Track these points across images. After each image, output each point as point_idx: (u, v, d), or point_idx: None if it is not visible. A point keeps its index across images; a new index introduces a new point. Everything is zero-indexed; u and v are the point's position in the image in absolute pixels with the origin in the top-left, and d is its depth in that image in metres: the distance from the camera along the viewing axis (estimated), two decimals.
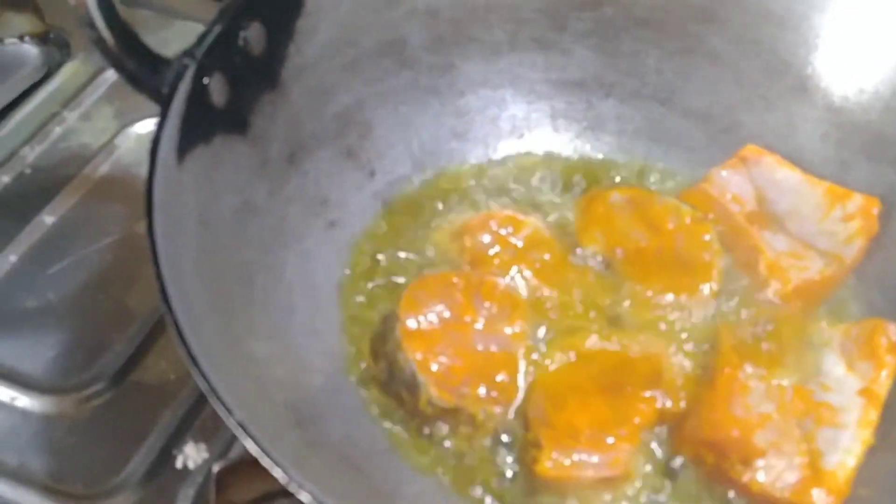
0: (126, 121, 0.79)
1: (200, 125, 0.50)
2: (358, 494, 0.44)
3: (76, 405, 0.60)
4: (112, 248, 0.70)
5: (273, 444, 0.38)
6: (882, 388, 0.53)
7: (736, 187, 0.62)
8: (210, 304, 0.46)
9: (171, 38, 0.85)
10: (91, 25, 0.44)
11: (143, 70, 0.47)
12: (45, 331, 0.64)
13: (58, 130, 0.78)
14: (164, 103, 0.47)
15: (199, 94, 0.49)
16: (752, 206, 0.61)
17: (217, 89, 0.51)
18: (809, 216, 0.60)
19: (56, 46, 0.84)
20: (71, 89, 0.81)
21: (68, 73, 0.83)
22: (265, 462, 0.36)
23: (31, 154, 0.76)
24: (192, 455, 0.58)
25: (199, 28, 0.84)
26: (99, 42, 0.45)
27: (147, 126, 0.79)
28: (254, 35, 0.54)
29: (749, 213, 0.61)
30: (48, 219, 0.71)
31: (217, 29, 0.51)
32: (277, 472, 0.36)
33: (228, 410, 0.37)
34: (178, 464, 0.57)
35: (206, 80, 0.50)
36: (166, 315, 0.40)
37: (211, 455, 0.58)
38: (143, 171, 0.75)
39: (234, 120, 0.53)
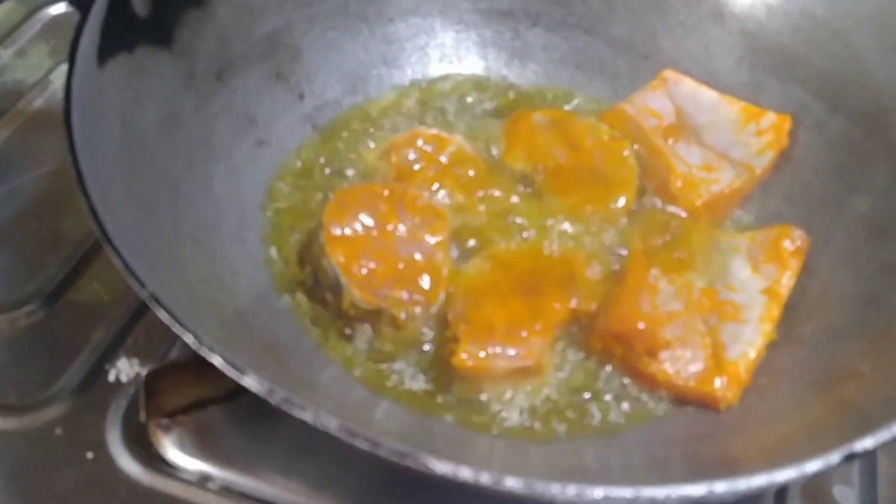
0: (61, 58, 0.80)
1: (122, 32, 0.51)
2: (273, 374, 0.46)
3: (10, 323, 0.61)
4: (46, 179, 0.71)
5: (191, 324, 0.39)
6: (784, 287, 0.56)
7: (655, 104, 0.65)
8: (132, 203, 0.47)
9: None
10: None
11: None
12: None
13: None
14: (84, 8, 0.48)
15: (120, 1, 0.50)
16: (671, 120, 0.64)
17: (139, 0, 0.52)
18: (725, 129, 0.63)
19: None
20: (6, 27, 0.82)
21: (4, 11, 0.83)
22: (176, 329, 0.38)
23: None
24: (124, 369, 0.59)
25: None
26: None
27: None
28: None
29: (666, 127, 0.63)
30: None
31: None
32: (188, 338, 0.37)
33: (141, 283, 0.38)
34: (111, 377, 0.59)
35: None
36: (83, 201, 0.41)
37: (142, 370, 0.59)
38: None
39: (158, 32, 0.54)
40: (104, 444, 0.55)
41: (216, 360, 0.37)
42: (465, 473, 0.34)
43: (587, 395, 0.53)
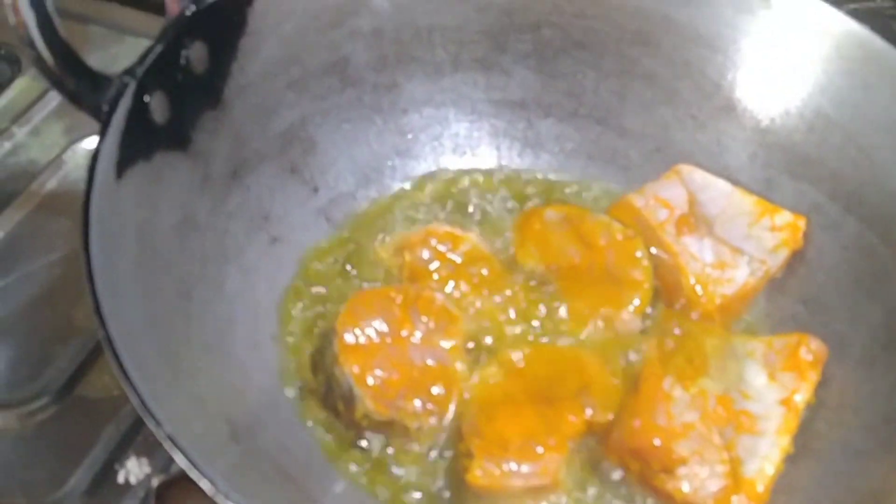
0: (75, 137, 0.80)
1: (140, 142, 0.51)
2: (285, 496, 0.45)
3: (20, 420, 0.61)
4: (59, 264, 0.71)
5: (206, 458, 0.39)
6: (802, 399, 0.55)
7: (667, 193, 0.64)
8: (147, 318, 0.47)
9: (122, 54, 0.87)
10: (31, 45, 0.45)
11: (83, 88, 0.48)
12: None
13: (6, 146, 0.79)
14: (104, 121, 0.48)
15: (139, 111, 0.51)
16: (683, 210, 0.64)
17: (158, 107, 0.52)
18: (739, 221, 0.63)
19: (6, 62, 0.84)
20: (21, 105, 0.82)
21: (18, 88, 0.83)
22: (193, 475, 0.37)
23: None
24: (133, 470, 0.58)
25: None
26: (38, 61, 0.46)
27: (96, 142, 0.79)
28: (196, 54, 0.55)
29: (678, 218, 0.63)
30: None
31: (158, 48, 0.52)
32: (205, 484, 0.37)
33: (158, 423, 0.38)
34: (120, 478, 0.58)
35: (146, 98, 0.51)
36: (99, 329, 0.41)
37: (153, 470, 0.58)
38: None
39: (176, 137, 0.54)
40: None
41: None
42: None
43: None
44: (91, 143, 0.78)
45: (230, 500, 0.36)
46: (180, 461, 0.38)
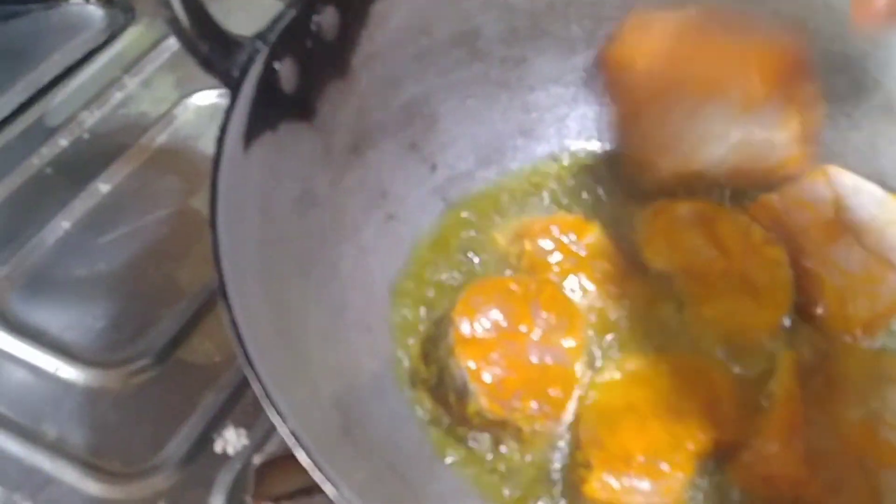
0: (186, 91, 0.78)
1: (268, 112, 0.48)
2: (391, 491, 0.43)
3: (120, 380, 0.60)
4: (166, 221, 0.70)
5: (322, 453, 0.37)
6: None
7: (811, 194, 0.60)
8: (267, 299, 0.45)
9: (234, 8, 0.84)
10: (166, 5, 0.42)
11: (215, 53, 0.45)
12: (94, 301, 0.64)
13: (118, 96, 0.78)
14: (234, 87, 0.46)
15: (269, 79, 0.48)
16: (828, 215, 0.59)
17: (287, 75, 0.50)
18: (891, 230, 0.58)
19: (121, 10, 0.83)
20: (133, 55, 0.81)
21: (131, 38, 0.82)
22: (316, 476, 0.35)
23: (89, 119, 0.75)
24: (231, 441, 0.57)
25: (266, 1, 0.84)
26: (173, 23, 0.43)
27: (207, 98, 0.78)
28: (327, 20, 0.52)
29: (825, 224, 0.58)
30: (103, 187, 0.71)
31: (291, 13, 0.49)
32: (328, 488, 0.35)
33: (283, 418, 0.36)
34: (218, 448, 0.57)
35: (277, 66, 0.48)
36: (224, 314, 0.39)
37: (251, 442, 0.57)
38: (201, 143, 0.76)
39: (302, 106, 0.52)
40: None
41: None
42: None
43: None
44: (202, 98, 0.77)
45: None
46: (304, 460, 0.35)
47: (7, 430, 0.56)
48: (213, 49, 0.45)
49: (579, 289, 0.57)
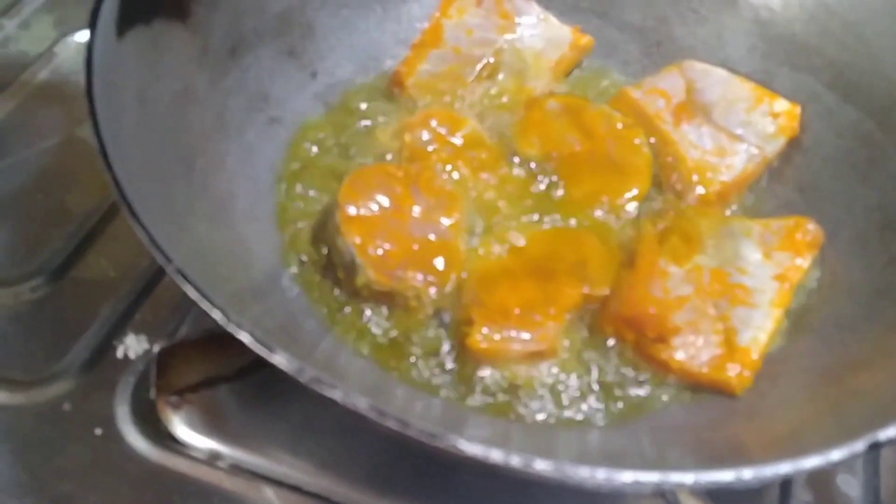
0: (65, 30, 0.79)
1: (140, 4, 0.50)
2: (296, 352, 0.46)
3: (14, 297, 0.61)
4: (52, 152, 0.70)
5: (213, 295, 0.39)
6: (796, 275, 0.56)
7: (665, 83, 0.65)
8: (149, 176, 0.47)
9: None
10: None
11: None
12: None
13: None
14: None
15: None
16: (680, 98, 0.64)
17: None
18: (737, 107, 0.63)
19: None
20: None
21: None
22: (204, 305, 0.37)
23: None
24: (132, 346, 0.59)
25: None
26: None
27: (86, 36, 0.78)
28: None
29: (676, 106, 0.63)
30: None
31: None
32: (216, 314, 0.37)
33: (167, 258, 0.38)
34: (119, 353, 0.58)
35: None
36: (105, 172, 0.40)
37: (151, 347, 0.58)
38: (83, 79, 0.76)
39: (175, 6, 0.54)
40: (113, 421, 0.55)
41: (244, 337, 0.37)
42: (495, 456, 0.34)
43: (597, 381, 0.53)
44: (82, 36, 0.77)
45: (243, 330, 0.37)
46: (190, 293, 0.38)
47: None
48: None
49: (458, 175, 0.60)
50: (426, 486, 0.54)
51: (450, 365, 0.53)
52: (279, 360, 0.36)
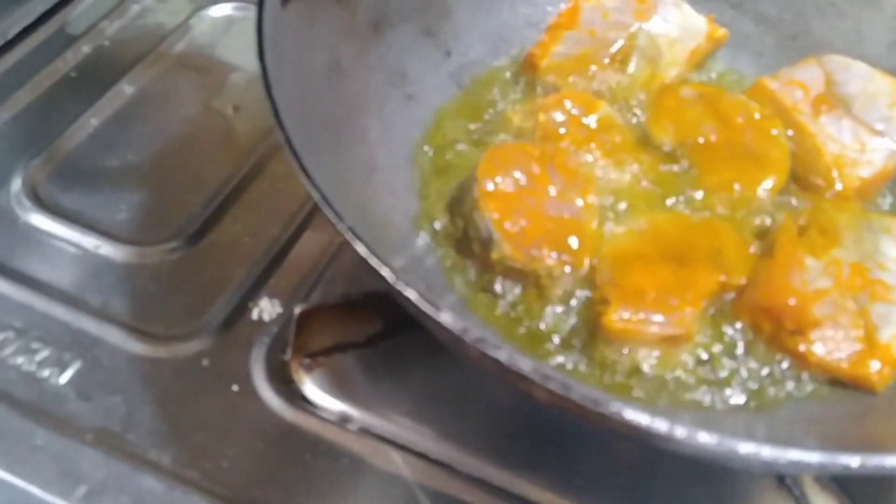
0: (200, 4, 0.81)
1: None
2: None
3: (155, 257, 0.63)
4: (189, 121, 0.73)
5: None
6: None
7: (803, 75, 0.63)
8: (307, 141, 0.48)
9: None
10: None
11: None
12: (126, 189, 0.67)
13: (135, 8, 0.81)
14: None
15: None
16: (819, 90, 0.63)
17: None
18: (878, 101, 0.62)
19: None
20: None
21: None
22: (373, 262, 0.38)
23: (109, 28, 0.78)
24: (266, 309, 0.60)
25: None
26: None
27: (221, 10, 0.81)
28: None
29: (814, 98, 0.62)
30: (127, 88, 0.74)
31: None
32: (385, 272, 0.38)
33: (339, 216, 0.39)
34: (254, 315, 0.60)
35: None
36: (278, 130, 0.42)
37: (285, 310, 0.60)
38: (217, 52, 0.79)
39: None
40: (249, 378, 0.57)
41: (411, 294, 0.38)
42: (659, 426, 0.35)
43: (735, 369, 0.53)
44: (216, 10, 0.80)
45: (411, 287, 0.38)
46: (361, 250, 0.39)
47: (53, 298, 0.59)
48: None
49: (591, 157, 0.60)
50: (545, 462, 0.54)
51: (578, 344, 0.54)
52: (445, 318, 0.37)
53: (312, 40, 0.53)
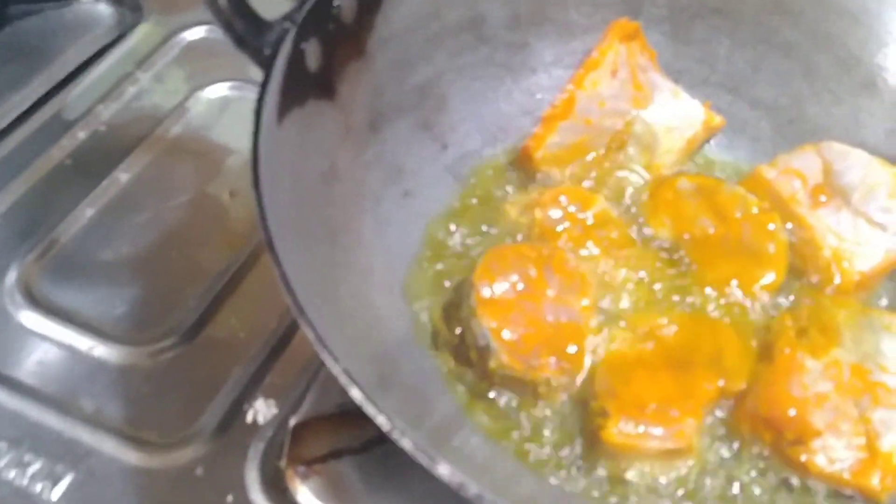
0: (197, 84, 0.81)
1: (297, 88, 0.51)
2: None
3: (151, 357, 0.62)
4: (185, 207, 0.72)
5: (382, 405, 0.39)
6: None
7: (800, 163, 0.63)
8: (303, 260, 0.48)
9: None
10: None
11: (248, 32, 0.48)
12: (121, 283, 0.66)
13: (131, 90, 0.80)
14: (267, 65, 0.49)
15: (297, 57, 0.51)
16: (817, 180, 0.62)
17: (312, 54, 0.53)
18: (878, 191, 0.61)
19: (129, 8, 0.86)
20: (144, 51, 0.83)
21: (141, 34, 0.85)
22: (369, 410, 0.38)
23: (105, 112, 0.78)
24: (262, 410, 0.60)
25: None
26: (212, 4, 0.46)
27: (217, 91, 0.81)
28: (346, 3, 0.55)
29: (812, 188, 0.62)
30: (123, 176, 0.73)
31: None
32: (381, 419, 0.38)
33: (335, 359, 0.39)
34: (249, 418, 0.59)
35: (303, 45, 0.52)
36: (274, 267, 0.41)
37: (280, 412, 0.59)
38: (213, 134, 0.78)
39: (325, 85, 0.55)
40: (243, 487, 0.56)
41: (406, 445, 0.37)
42: None
43: (735, 482, 0.52)
44: (213, 91, 0.80)
45: (406, 437, 0.37)
46: (356, 396, 0.38)
47: (46, 405, 0.59)
48: (246, 28, 0.48)
49: (588, 255, 0.60)
50: None
51: (577, 452, 0.53)
52: (443, 470, 0.37)
53: (308, 148, 0.53)
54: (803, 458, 0.51)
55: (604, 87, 0.67)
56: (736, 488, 0.52)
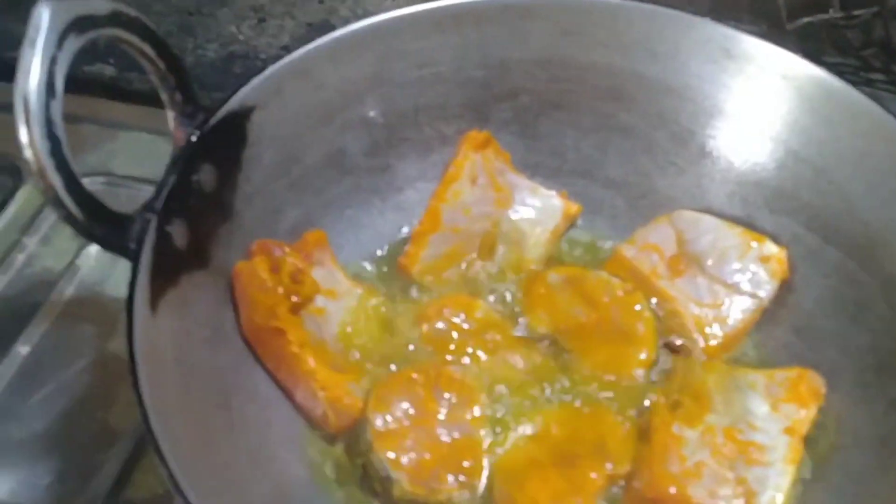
0: (84, 241, 0.83)
1: (168, 271, 0.54)
2: None
3: None
4: (88, 370, 0.74)
5: None
6: (804, 426, 0.59)
7: (655, 236, 0.69)
8: (196, 437, 0.51)
9: (118, 150, 0.89)
10: (60, 205, 0.48)
11: (110, 233, 0.51)
12: (36, 460, 0.68)
13: (20, 258, 0.81)
14: (134, 259, 0.52)
15: (163, 242, 0.54)
16: (673, 251, 0.68)
17: (179, 234, 0.56)
18: (729, 254, 0.66)
19: (6, 173, 0.87)
20: (27, 215, 0.84)
21: (22, 199, 0.86)
22: None
23: None
24: None
25: (145, 138, 0.89)
26: (69, 218, 0.49)
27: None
28: (205, 175, 0.59)
29: (669, 259, 0.67)
30: (23, 349, 0.75)
31: (172, 179, 0.56)
32: None
33: None
34: None
35: (168, 229, 0.54)
36: (161, 468, 0.44)
37: None
38: (108, 288, 0.80)
39: (197, 257, 0.58)
40: None
41: None
42: None
43: None
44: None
45: None
46: None
47: None
48: (107, 232, 0.51)
49: (475, 361, 0.64)
50: None
51: None
52: None
53: (189, 322, 0.56)
54: None
55: (466, 195, 0.71)
56: None
